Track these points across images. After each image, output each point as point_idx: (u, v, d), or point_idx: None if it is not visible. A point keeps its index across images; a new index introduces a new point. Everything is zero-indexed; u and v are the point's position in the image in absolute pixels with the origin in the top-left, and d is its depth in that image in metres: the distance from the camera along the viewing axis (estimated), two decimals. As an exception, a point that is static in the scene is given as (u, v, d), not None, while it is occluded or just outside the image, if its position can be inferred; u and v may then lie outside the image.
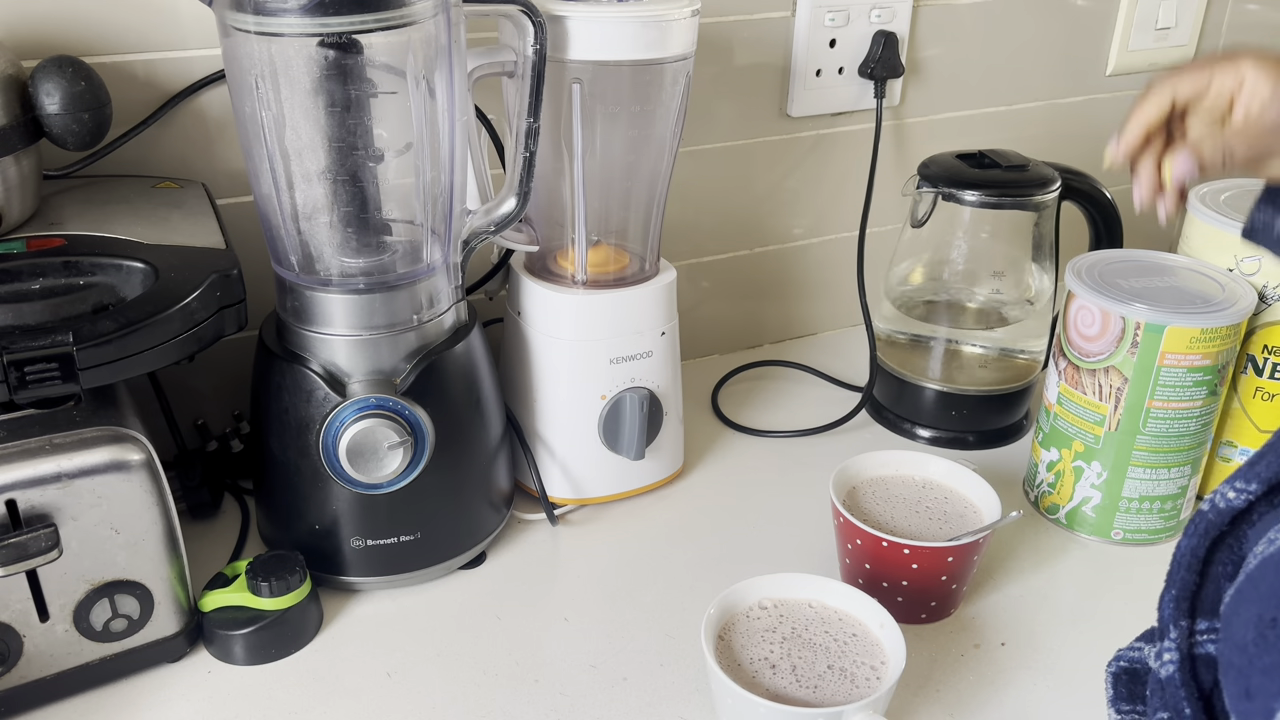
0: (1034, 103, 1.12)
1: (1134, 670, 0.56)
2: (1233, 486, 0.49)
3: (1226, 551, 0.49)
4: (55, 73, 0.64)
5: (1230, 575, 0.49)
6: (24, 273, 0.62)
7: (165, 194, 0.73)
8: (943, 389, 0.91)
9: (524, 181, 0.73)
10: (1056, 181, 0.87)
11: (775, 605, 0.63)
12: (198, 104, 0.77)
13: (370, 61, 0.65)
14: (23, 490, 0.57)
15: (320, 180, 0.67)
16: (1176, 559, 0.50)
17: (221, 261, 0.65)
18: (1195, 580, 0.49)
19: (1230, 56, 0.63)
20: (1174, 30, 1.15)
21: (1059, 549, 0.79)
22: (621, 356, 0.78)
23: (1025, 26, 1.07)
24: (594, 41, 0.71)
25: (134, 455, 0.60)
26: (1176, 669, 0.48)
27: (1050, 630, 0.71)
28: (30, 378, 0.56)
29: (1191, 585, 0.49)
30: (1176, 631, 0.49)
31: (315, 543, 0.71)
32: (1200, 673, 0.48)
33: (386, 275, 0.69)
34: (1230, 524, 0.49)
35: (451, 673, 0.66)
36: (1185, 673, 0.48)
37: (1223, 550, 0.49)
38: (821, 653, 0.60)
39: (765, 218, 1.03)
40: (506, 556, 0.77)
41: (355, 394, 0.67)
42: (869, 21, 0.97)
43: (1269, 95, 0.61)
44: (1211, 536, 0.49)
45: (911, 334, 0.93)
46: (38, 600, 0.60)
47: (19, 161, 0.65)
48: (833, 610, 0.63)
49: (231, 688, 0.65)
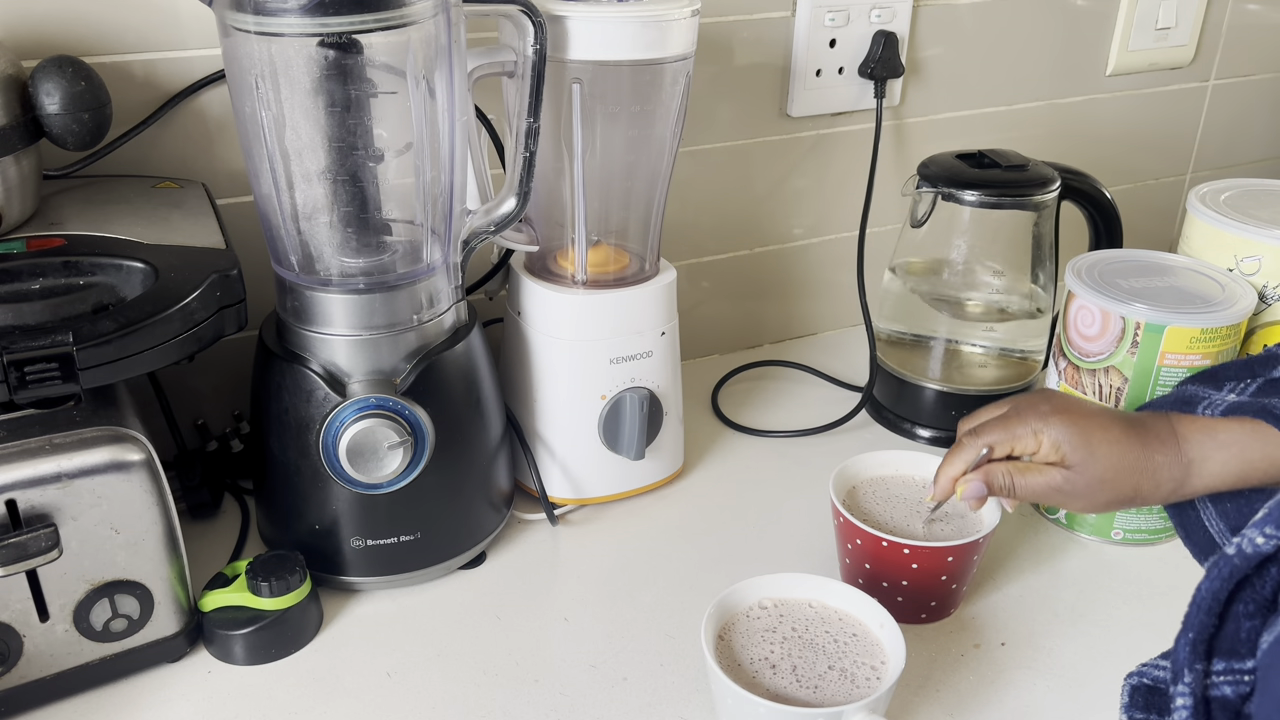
0: (1034, 103, 1.12)
1: (1155, 688, 0.55)
2: (1261, 532, 0.48)
3: (1250, 591, 0.49)
4: (55, 73, 0.64)
5: (1251, 614, 0.48)
6: (24, 273, 0.63)
7: (165, 194, 0.73)
8: (943, 389, 0.91)
9: (524, 181, 0.73)
10: (1056, 181, 0.87)
11: (775, 605, 0.63)
12: (198, 104, 0.77)
13: (370, 61, 0.65)
14: (23, 490, 0.57)
15: (320, 180, 0.67)
16: (1196, 602, 0.49)
17: (221, 261, 0.65)
18: (1214, 624, 0.49)
19: (1029, 422, 0.67)
20: (1174, 30, 1.15)
21: (1059, 549, 0.79)
22: (621, 356, 0.78)
23: (1025, 26, 1.07)
24: (594, 41, 0.71)
25: (134, 455, 0.60)
26: (1190, 713, 0.47)
27: (1050, 630, 0.71)
28: (30, 378, 0.56)
29: (1210, 628, 0.49)
30: (1191, 675, 0.48)
31: (315, 543, 0.71)
32: (1215, 717, 0.48)
33: (386, 275, 0.69)
34: (1255, 567, 0.49)
35: (451, 673, 0.66)
36: (1200, 716, 0.47)
37: (1246, 590, 0.49)
38: (822, 653, 0.60)
39: (765, 218, 1.03)
40: (506, 556, 0.77)
41: (355, 394, 0.67)
42: (869, 21, 0.97)
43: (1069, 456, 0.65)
44: (1235, 580, 0.49)
45: (911, 334, 0.93)
46: (38, 600, 0.60)
47: (19, 161, 0.65)
48: (833, 610, 0.63)
49: (231, 688, 0.65)
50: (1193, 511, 0.68)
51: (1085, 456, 0.65)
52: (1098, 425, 0.66)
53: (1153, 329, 0.73)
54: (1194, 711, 0.48)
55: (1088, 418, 0.66)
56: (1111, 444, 0.65)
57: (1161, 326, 0.72)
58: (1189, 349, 0.73)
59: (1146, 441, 0.65)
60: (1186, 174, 1.28)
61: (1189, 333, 0.72)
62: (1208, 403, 0.66)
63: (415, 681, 0.66)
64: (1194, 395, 0.68)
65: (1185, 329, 0.72)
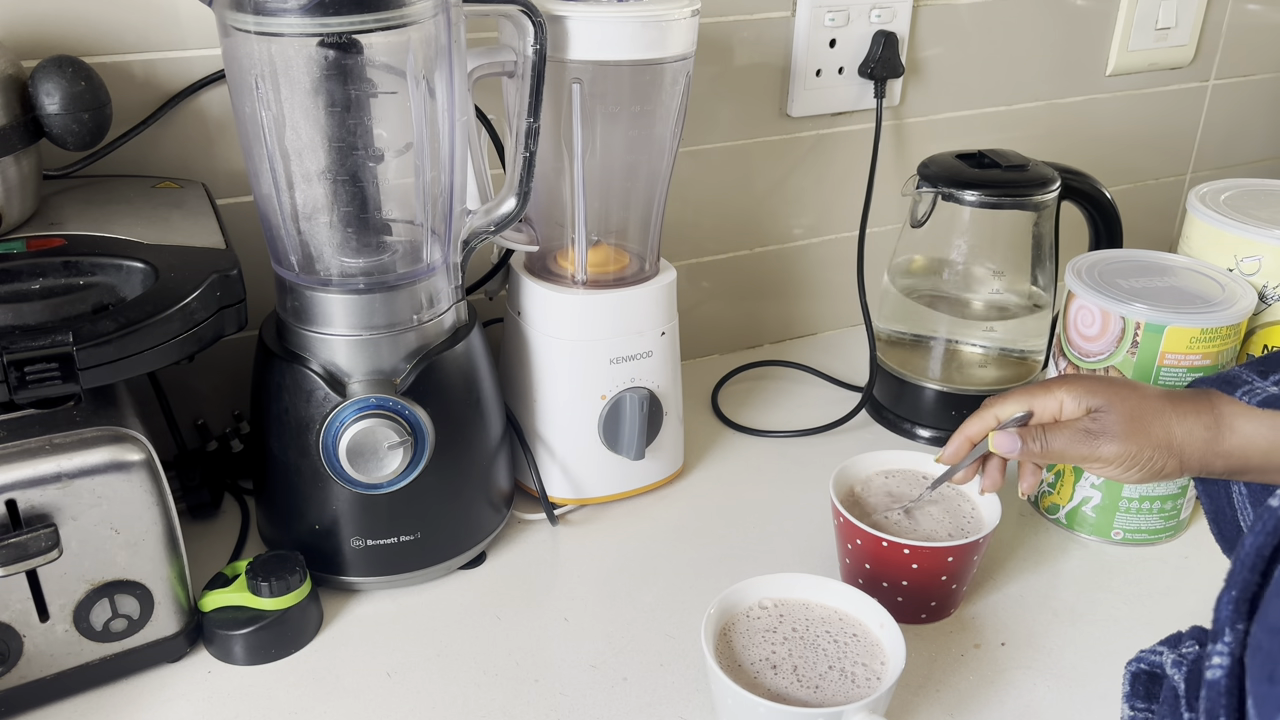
0: (1034, 103, 1.12)
1: (1152, 673, 0.55)
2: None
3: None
4: (55, 73, 0.64)
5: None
6: (24, 273, 0.62)
7: (165, 194, 0.73)
8: (943, 389, 0.91)
9: (524, 181, 0.73)
10: (1056, 181, 0.87)
11: (775, 605, 0.63)
12: (197, 104, 0.77)
13: (370, 61, 0.65)
14: (23, 490, 0.57)
15: (320, 180, 0.67)
16: (1240, 558, 0.48)
17: (221, 261, 0.65)
18: (1258, 581, 0.48)
19: (1048, 384, 0.67)
20: (1174, 30, 1.15)
21: (1059, 549, 0.79)
22: (621, 356, 0.78)
23: (1025, 26, 1.07)
24: (594, 41, 0.71)
25: (134, 455, 0.60)
26: (1225, 674, 0.46)
27: (1050, 630, 0.71)
28: (30, 378, 0.56)
29: (1254, 586, 0.48)
30: (1232, 635, 0.47)
31: (315, 543, 0.71)
32: None
33: (386, 275, 0.69)
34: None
35: (451, 673, 0.66)
36: (1234, 679, 0.46)
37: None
38: (822, 653, 0.60)
39: (765, 218, 1.03)
40: (506, 556, 0.77)
41: (355, 394, 0.67)
42: (869, 21, 0.97)
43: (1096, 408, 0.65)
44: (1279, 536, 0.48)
45: (912, 334, 0.93)
46: (38, 600, 0.59)
47: (19, 161, 0.65)
48: (833, 610, 0.63)
49: (231, 688, 0.65)
50: (1224, 492, 0.66)
51: (1109, 396, 0.64)
52: (1118, 377, 0.66)
53: (1153, 329, 0.73)
54: (1229, 672, 0.47)
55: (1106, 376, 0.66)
56: (1133, 387, 0.65)
57: (1161, 326, 0.72)
58: (1189, 349, 0.73)
59: (1173, 393, 0.65)
60: (1186, 174, 1.28)
61: (1189, 333, 0.72)
62: (1249, 389, 0.65)
63: (415, 681, 0.66)
64: (1237, 377, 0.67)
65: (1185, 329, 0.72)
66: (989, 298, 0.92)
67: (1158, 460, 0.63)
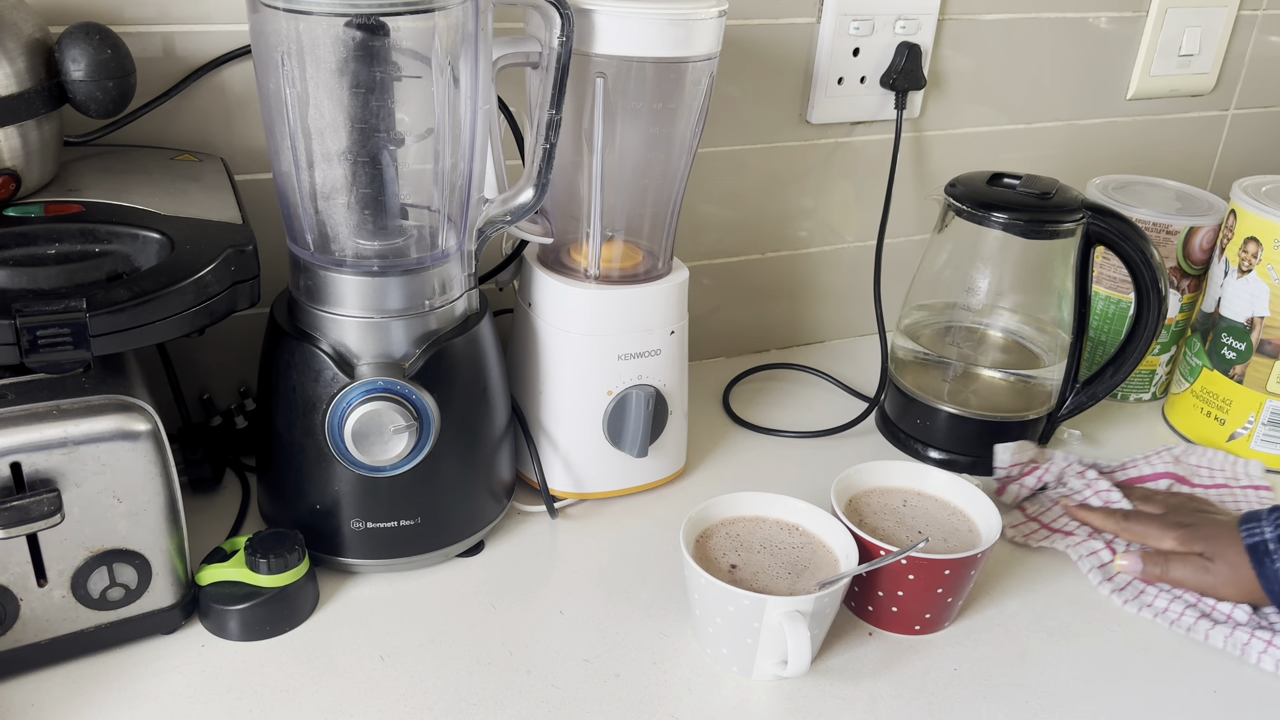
0: (1053, 122, 1.12)
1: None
2: None
3: None
4: (82, 39, 0.64)
5: None
6: (41, 237, 0.63)
7: (184, 166, 0.73)
8: (955, 412, 0.89)
9: (543, 173, 0.73)
10: (1081, 214, 0.84)
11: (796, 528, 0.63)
12: (220, 79, 0.77)
13: (396, 45, 0.65)
14: (28, 454, 0.57)
15: (340, 160, 0.67)
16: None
17: (237, 236, 0.65)
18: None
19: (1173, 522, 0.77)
20: (1197, 58, 1.14)
21: (1056, 567, 0.79)
22: (630, 353, 0.78)
23: (1049, 46, 1.07)
24: (620, 37, 0.71)
25: (140, 425, 0.60)
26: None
27: (1044, 647, 0.71)
28: (42, 342, 0.56)
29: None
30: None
31: (315, 522, 0.71)
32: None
33: (401, 259, 0.69)
34: None
35: (444, 659, 0.66)
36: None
37: None
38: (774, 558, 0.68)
39: (780, 223, 1.03)
40: (505, 547, 0.77)
41: (363, 376, 0.67)
42: (893, 32, 0.97)
43: None
44: None
45: (927, 354, 0.92)
46: (37, 564, 0.60)
47: (41, 126, 0.65)
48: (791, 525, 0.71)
49: (225, 662, 0.65)
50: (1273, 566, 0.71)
51: (1212, 546, 0.74)
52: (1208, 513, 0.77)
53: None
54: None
55: None
56: (1225, 542, 0.73)
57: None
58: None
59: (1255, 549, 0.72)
60: (1201, 202, 1.28)
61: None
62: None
63: (408, 666, 0.66)
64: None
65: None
66: (1009, 324, 0.91)
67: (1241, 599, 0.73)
